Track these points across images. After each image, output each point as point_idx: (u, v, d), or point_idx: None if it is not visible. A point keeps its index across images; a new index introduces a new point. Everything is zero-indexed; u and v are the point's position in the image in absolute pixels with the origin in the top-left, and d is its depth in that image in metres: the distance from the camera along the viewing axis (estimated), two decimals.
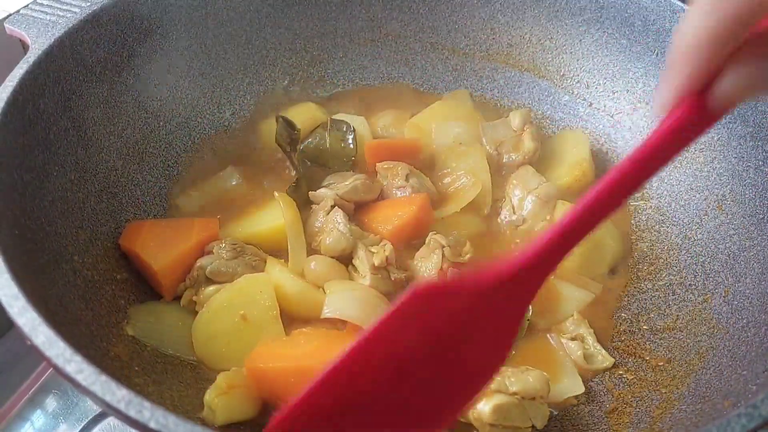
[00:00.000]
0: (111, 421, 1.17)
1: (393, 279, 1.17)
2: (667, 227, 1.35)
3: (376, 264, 1.15)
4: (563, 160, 1.43)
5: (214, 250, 1.18)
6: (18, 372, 1.26)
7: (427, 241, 1.21)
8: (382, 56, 1.64)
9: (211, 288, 1.14)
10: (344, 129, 1.40)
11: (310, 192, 1.30)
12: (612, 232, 1.34)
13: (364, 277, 1.16)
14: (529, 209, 1.32)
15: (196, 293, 1.15)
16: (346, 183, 1.29)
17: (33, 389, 1.23)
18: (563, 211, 1.30)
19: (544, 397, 1.01)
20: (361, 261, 1.17)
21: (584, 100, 1.54)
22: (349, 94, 1.63)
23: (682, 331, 1.17)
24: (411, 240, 1.26)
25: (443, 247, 1.18)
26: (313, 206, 1.28)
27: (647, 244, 1.35)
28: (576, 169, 1.40)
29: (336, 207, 1.24)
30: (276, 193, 1.25)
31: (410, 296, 0.62)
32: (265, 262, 1.19)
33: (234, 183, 1.38)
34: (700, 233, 1.28)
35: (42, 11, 1.25)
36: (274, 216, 1.25)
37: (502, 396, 0.98)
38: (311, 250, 1.23)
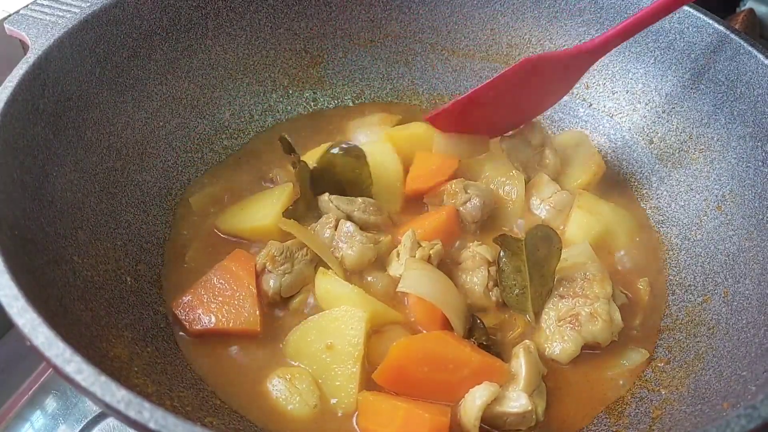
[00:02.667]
0: (110, 421, 1.17)
1: None
2: (667, 228, 1.35)
3: (416, 257, 1.17)
4: (573, 161, 1.43)
5: (267, 267, 1.18)
6: (18, 372, 1.26)
7: (471, 254, 1.20)
8: (382, 57, 1.64)
9: (297, 299, 1.18)
10: (354, 154, 1.30)
11: (319, 197, 1.29)
12: (624, 223, 1.35)
13: (402, 264, 1.17)
14: (543, 217, 1.34)
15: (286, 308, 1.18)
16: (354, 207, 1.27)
17: (33, 390, 1.23)
18: (577, 218, 1.32)
19: None
20: (405, 249, 1.19)
21: (584, 100, 1.54)
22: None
23: (681, 332, 1.17)
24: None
25: (489, 264, 1.18)
26: (316, 226, 1.26)
27: (652, 244, 1.35)
28: (590, 167, 1.40)
29: (342, 220, 1.24)
30: (281, 225, 1.23)
31: (522, 62, 1.23)
32: (307, 247, 1.21)
33: (231, 181, 1.40)
34: (700, 234, 1.28)
35: (42, 12, 1.25)
36: (264, 213, 1.27)
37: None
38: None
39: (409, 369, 1.03)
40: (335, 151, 1.29)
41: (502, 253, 1.17)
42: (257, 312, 1.14)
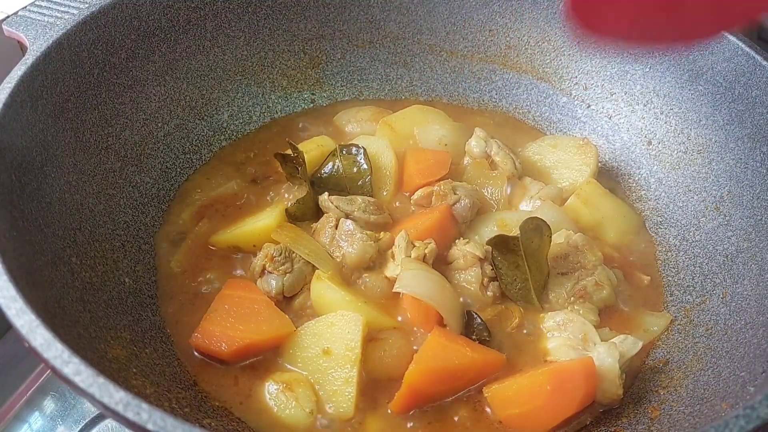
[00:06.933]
0: (109, 423, 1.17)
1: None
2: (665, 229, 1.35)
3: (412, 257, 1.18)
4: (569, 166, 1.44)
5: (267, 268, 1.18)
6: (16, 374, 1.26)
7: (461, 253, 1.21)
8: (381, 58, 1.64)
9: (298, 300, 1.18)
10: (354, 152, 1.36)
11: (319, 197, 1.29)
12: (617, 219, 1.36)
13: (398, 265, 1.17)
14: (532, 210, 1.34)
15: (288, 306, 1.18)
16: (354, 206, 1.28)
17: (31, 391, 1.23)
18: (573, 206, 1.33)
19: None
20: (400, 250, 1.19)
21: (582, 101, 1.55)
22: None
23: (680, 333, 1.17)
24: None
25: (482, 260, 1.19)
26: (317, 226, 1.26)
27: (645, 245, 1.35)
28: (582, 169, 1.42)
29: (342, 219, 1.24)
30: (273, 235, 1.22)
31: None
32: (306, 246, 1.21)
33: (230, 188, 1.39)
34: (698, 235, 1.28)
35: (40, 13, 1.25)
36: (261, 218, 1.27)
37: None
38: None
39: (427, 392, 1.06)
40: (340, 155, 1.34)
41: (495, 253, 1.18)
42: (285, 315, 1.13)
